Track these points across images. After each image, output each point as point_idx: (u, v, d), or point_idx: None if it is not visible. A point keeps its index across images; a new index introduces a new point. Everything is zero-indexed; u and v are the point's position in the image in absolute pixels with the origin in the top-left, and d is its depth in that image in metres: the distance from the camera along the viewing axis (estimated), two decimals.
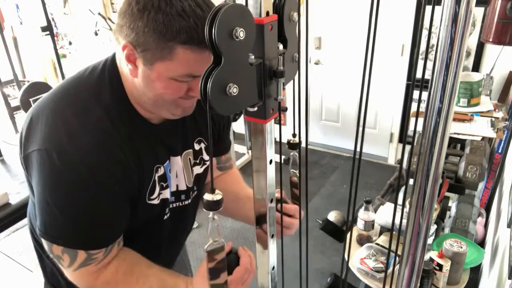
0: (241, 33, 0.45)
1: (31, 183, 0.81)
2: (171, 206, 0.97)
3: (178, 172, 0.96)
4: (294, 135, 0.68)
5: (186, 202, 1.01)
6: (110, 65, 0.83)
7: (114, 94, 0.81)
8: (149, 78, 0.74)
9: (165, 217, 0.96)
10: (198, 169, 1.01)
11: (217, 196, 0.52)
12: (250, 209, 0.92)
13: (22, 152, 0.79)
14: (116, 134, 0.79)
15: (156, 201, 0.90)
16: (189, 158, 0.98)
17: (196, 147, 0.99)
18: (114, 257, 0.84)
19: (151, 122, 0.86)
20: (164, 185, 0.91)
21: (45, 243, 0.80)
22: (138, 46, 0.71)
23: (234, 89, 0.48)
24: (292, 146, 0.69)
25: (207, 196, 0.52)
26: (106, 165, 0.77)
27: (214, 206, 0.53)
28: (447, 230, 1.79)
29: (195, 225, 2.63)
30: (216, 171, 1.15)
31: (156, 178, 0.88)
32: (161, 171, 0.89)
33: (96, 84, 0.81)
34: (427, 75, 0.49)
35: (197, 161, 1.00)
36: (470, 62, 2.97)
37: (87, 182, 0.75)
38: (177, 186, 0.97)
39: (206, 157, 1.03)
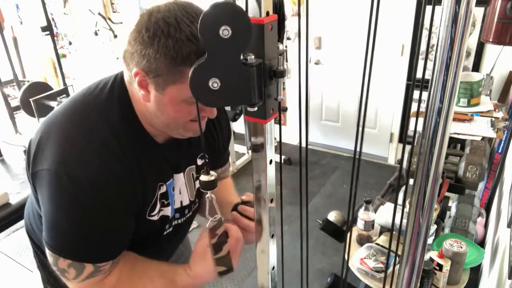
0: (225, 31, 0.46)
1: (38, 198, 0.82)
2: (174, 223, 0.98)
3: (182, 188, 0.97)
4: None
5: (188, 215, 1.03)
6: (119, 85, 0.83)
7: (122, 114, 0.82)
8: (161, 102, 0.76)
9: (165, 232, 0.97)
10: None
11: (212, 177, 0.59)
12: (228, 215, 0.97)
13: (30, 169, 0.81)
14: (122, 155, 0.80)
15: (155, 217, 0.91)
16: (192, 174, 0.99)
17: (199, 162, 1.01)
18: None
19: (157, 141, 0.87)
20: (166, 202, 0.92)
21: (50, 256, 0.80)
22: (150, 72, 0.72)
23: (215, 84, 0.49)
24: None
25: (203, 178, 0.59)
26: (112, 186, 0.77)
27: (210, 185, 0.60)
28: (447, 230, 1.79)
29: (195, 225, 2.63)
30: None
31: (158, 195, 0.89)
32: (163, 189, 0.90)
33: (104, 104, 0.82)
34: (427, 75, 0.49)
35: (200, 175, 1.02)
36: (470, 62, 2.97)
37: (94, 202, 0.76)
38: (181, 202, 0.98)
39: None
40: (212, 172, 0.58)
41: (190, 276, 0.84)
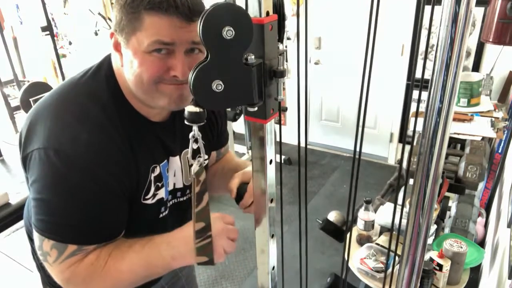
0: (229, 32, 0.46)
1: (29, 182, 0.81)
2: (168, 204, 0.98)
3: (177, 171, 0.96)
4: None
5: (182, 199, 1.02)
6: (107, 64, 0.85)
7: (111, 93, 0.82)
8: (128, 59, 0.77)
9: (161, 215, 0.97)
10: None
11: (199, 108, 0.53)
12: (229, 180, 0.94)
13: (21, 152, 0.80)
14: (114, 133, 0.79)
15: (150, 201, 0.90)
16: (188, 157, 0.98)
17: (195, 146, 0.99)
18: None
19: (149, 120, 0.87)
20: (160, 185, 0.91)
21: (36, 239, 0.79)
22: (118, 29, 0.76)
23: (218, 86, 0.49)
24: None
25: (190, 108, 0.53)
26: (104, 163, 0.77)
27: (196, 117, 0.54)
28: (447, 230, 1.79)
29: None
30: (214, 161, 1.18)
31: (152, 178, 0.89)
32: (157, 171, 0.90)
33: (93, 84, 0.83)
34: (427, 75, 0.49)
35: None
36: (470, 62, 2.97)
37: (85, 180, 0.76)
38: (174, 184, 0.97)
39: (205, 155, 1.03)
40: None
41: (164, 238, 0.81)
